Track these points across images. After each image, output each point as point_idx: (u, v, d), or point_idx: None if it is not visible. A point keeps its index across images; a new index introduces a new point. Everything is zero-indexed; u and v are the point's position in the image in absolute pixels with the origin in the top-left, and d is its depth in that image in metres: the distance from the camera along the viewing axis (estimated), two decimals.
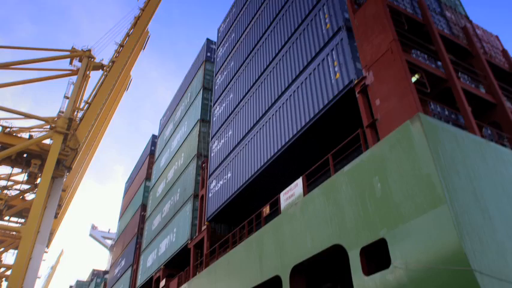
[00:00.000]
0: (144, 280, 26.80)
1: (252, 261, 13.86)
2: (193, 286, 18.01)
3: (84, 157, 76.31)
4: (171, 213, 24.40)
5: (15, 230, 67.04)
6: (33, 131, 65.17)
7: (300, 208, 12.21)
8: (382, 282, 8.61)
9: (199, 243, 19.63)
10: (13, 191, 68.67)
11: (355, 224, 9.86)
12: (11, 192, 67.45)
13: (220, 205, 18.10)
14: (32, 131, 65.07)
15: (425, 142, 8.51)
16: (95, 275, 51.14)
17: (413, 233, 8.23)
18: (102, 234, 70.23)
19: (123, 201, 44.87)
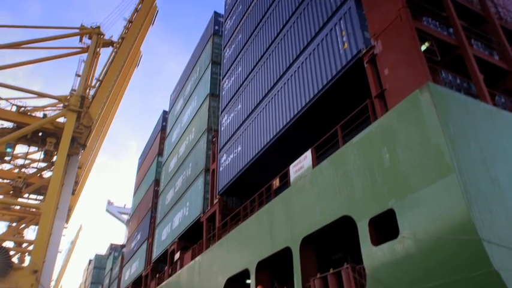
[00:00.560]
0: (159, 253, 27.45)
1: (262, 233, 14.04)
2: (206, 258, 18.39)
3: (98, 134, 77.22)
4: (183, 188, 24.70)
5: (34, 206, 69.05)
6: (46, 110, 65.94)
7: (309, 180, 12.24)
8: (390, 252, 8.66)
9: (211, 216, 19.92)
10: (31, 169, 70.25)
11: (364, 195, 9.86)
12: (28, 171, 68.99)
13: (231, 179, 18.24)
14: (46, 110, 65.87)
15: (434, 112, 8.37)
16: (113, 249, 52.52)
17: (422, 203, 8.20)
18: (118, 209, 71.69)
19: (137, 176, 45.52)
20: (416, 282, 7.92)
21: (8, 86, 57.21)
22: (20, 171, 65.11)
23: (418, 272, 7.97)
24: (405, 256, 8.27)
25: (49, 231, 57.92)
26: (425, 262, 7.87)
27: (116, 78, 58.27)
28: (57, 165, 61.14)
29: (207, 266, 17.99)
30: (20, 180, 60.93)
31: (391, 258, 8.60)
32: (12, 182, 61.73)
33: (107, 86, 60.43)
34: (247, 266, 14.48)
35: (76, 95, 55.93)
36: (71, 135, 60.40)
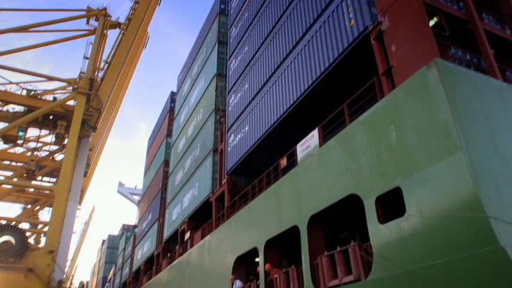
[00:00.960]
0: (170, 233, 27.87)
1: (270, 212, 14.14)
2: (215, 237, 18.62)
3: (108, 116, 77.73)
4: (192, 168, 24.86)
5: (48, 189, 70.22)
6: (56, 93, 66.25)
7: (316, 159, 12.23)
8: (397, 230, 8.67)
9: (220, 196, 20.08)
10: (43, 152, 71.18)
11: (371, 173, 9.83)
12: (41, 154, 69.97)
13: (238, 159, 18.29)
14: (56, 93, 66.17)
15: (441, 88, 8.22)
16: (125, 230, 53.42)
17: (428, 181, 8.15)
18: (129, 190, 72.60)
19: (146, 158, 45.92)
20: (423, 259, 7.94)
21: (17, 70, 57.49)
22: (33, 154, 66.17)
23: (424, 250, 7.98)
24: (411, 234, 8.27)
25: (63, 213, 59.16)
26: (431, 239, 7.87)
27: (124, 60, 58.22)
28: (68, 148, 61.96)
29: (217, 245, 18.24)
30: (32, 163, 61.97)
31: (398, 236, 8.62)
32: (25, 165, 62.83)
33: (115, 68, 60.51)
34: (255, 244, 14.64)
35: (85, 78, 56.18)
36: (81, 117, 60.93)
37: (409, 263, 8.21)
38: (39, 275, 47.08)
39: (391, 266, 8.56)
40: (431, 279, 7.67)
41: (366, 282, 9.29)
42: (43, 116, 57.49)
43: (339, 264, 10.37)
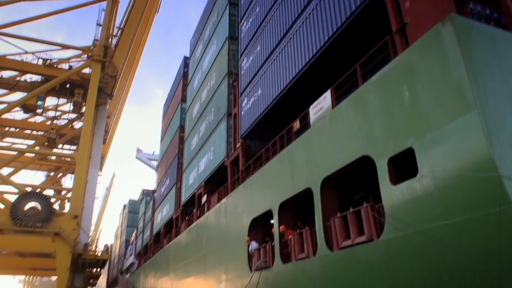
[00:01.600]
0: (187, 197, 28.44)
1: (284, 175, 14.22)
2: (231, 200, 18.92)
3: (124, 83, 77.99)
4: (207, 133, 25.00)
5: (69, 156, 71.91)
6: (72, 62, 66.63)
7: (328, 121, 12.12)
8: (409, 190, 8.63)
9: (235, 160, 20.23)
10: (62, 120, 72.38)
11: (383, 134, 9.71)
12: (60, 122, 71.23)
13: (252, 122, 18.26)
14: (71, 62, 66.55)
15: (456, 45, 7.92)
16: (145, 194, 54.68)
17: (441, 142, 8.02)
18: (147, 156, 73.65)
19: (162, 123, 46.27)
20: (434, 219, 7.94)
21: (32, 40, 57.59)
22: (52, 123, 67.40)
23: (436, 210, 7.96)
24: (424, 194, 8.24)
25: (85, 179, 60.67)
26: (443, 200, 7.83)
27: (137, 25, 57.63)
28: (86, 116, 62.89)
29: (233, 208, 18.56)
30: (52, 131, 63.22)
31: (410, 196, 8.60)
32: (45, 133, 64.18)
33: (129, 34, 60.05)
34: (270, 207, 14.84)
35: (99, 45, 56.07)
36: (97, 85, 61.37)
37: (421, 223, 8.22)
38: (65, 239, 49.05)
39: (403, 227, 8.59)
40: (443, 239, 7.67)
41: (378, 243, 9.37)
42: (60, 84, 58.07)
43: (351, 225, 10.46)
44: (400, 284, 8.70)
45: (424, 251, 8.06)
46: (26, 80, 61.98)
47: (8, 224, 49.76)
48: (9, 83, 64.63)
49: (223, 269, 18.21)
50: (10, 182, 56.94)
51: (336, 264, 10.87)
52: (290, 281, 12.89)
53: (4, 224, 49.66)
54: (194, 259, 22.82)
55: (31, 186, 61.18)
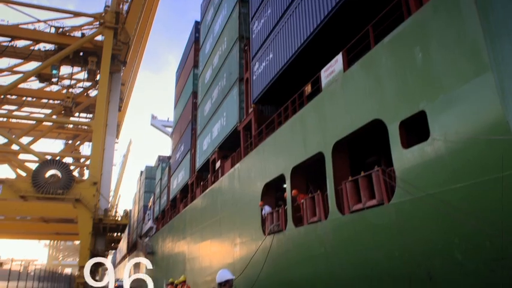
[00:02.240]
0: (202, 162, 28.73)
1: (296, 139, 14.18)
2: (244, 165, 19.05)
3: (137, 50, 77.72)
4: (219, 99, 24.91)
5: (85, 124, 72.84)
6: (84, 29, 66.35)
7: (340, 84, 11.91)
8: (420, 154, 8.53)
9: (247, 125, 20.21)
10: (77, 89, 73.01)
11: (395, 97, 9.52)
12: (75, 91, 71.88)
13: (264, 87, 18.07)
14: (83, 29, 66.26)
15: (472, 4, 7.56)
16: (161, 161, 55.47)
17: (454, 104, 7.83)
18: (162, 122, 74.07)
19: (175, 90, 46.23)
20: (445, 183, 7.87)
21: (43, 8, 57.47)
22: (68, 92, 68.04)
23: (447, 173, 7.87)
24: (435, 158, 8.13)
25: (102, 147, 61.82)
26: (455, 163, 7.72)
27: None
28: (101, 84, 63.23)
29: (246, 173, 18.71)
30: (69, 100, 63.92)
31: (421, 160, 8.50)
32: (62, 102, 64.97)
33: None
34: (282, 171, 14.90)
35: (110, 11, 55.58)
36: (110, 52, 61.21)
37: (432, 187, 8.16)
38: (86, 205, 50.65)
39: (414, 190, 8.54)
40: (454, 202, 7.62)
41: (389, 206, 9.38)
42: (73, 53, 58.21)
43: (362, 189, 10.46)
44: (410, 246, 8.75)
45: (435, 214, 8.04)
46: (40, 49, 62.18)
47: (31, 191, 51.51)
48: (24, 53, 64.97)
49: (237, 232, 18.58)
50: (30, 150, 58.46)
51: (347, 228, 10.97)
52: (302, 244, 13.11)
53: (27, 191, 51.39)
54: (209, 223, 23.31)
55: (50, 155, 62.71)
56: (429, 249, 8.32)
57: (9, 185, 50.22)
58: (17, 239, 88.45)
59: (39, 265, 39.18)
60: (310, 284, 12.59)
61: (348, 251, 10.83)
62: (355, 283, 10.52)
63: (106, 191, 61.99)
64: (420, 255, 8.54)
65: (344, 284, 11.00)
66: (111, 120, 65.48)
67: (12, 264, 25.08)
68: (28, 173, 58.39)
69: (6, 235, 74.20)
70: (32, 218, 65.46)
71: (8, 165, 70.19)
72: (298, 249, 13.38)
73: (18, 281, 26.15)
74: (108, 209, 56.87)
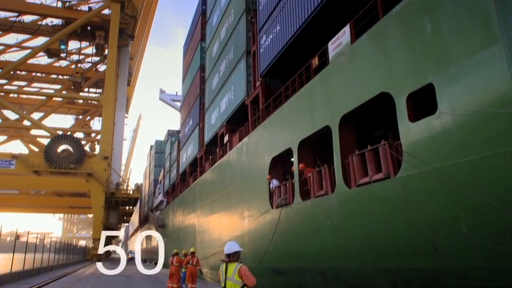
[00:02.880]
0: (210, 137, 28.82)
1: (303, 113, 14.10)
2: (252, 140, 19.07)
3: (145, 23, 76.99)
4: (227, 72, 24.73)
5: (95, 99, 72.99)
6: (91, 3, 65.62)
7: (347, 57, 11.72)
8: (427, 127, 8.43)
9: (255, 99, 20.11)
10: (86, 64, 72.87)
11: (403, 70, 9.36)
12: (84, 65, 71.80)
13: (271, 60, 17.85)
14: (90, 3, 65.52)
15: None
16: (170, 135, 55.72)
17: (463, 76, 7.67)
18: (171, 97, 74.01)
19: (183, 63, 45.93)
20: (452, 156, 7.80)
21: None
22: (77, 67, 68.06)
23: (454, 147, 7.80)
24: (442, 131, 8.04)
25: (112, 121, 62.08)
26: (462, 137, 7.63)
27: None
28: (109, 58, 62.99)
29: (254, 147, 18.75)
30: (78, 75, 64.01)
31: (428, 134, 8.41)
32: (71, 77, 65.11)
33: None
34: (289, 145, 14.90)
35: None
36: (118, 26, 60.70)
37: (439, 161, 8.10)
38: (98, 179, 51.58)
39: (421, 164, 8.49)
40: (461, 176, 7.57)
41: (395, 180, 9.36)
42: (81, 27, 57.98)
43: (369, 162, 10.43)
44: (416, 220, 8.78)
45: (441, 188, 8.01)
46: (47, 24, 61.83)
47: (44, 166, 52.37)
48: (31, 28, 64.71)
49: (246, 206, 18.78)
50: (42, 126, 59.09)
51: (353, 201, 11.01)
52: (309, 217, 13.22)
53: (40, 166, 52.24)
54: (218, 197, 23.57)
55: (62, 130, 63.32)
56: (435, 222, 8.33)
57: (22, 160, 51.22)
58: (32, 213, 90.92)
59: (54, 238, 40.21)
60: (317, 257, 12.77)
61: (355, 224, 10.90)
62: (362, 255, 10.64)
63: (117, 166, 62.91)
64: (426, 229, 8.57)
65: (351, 256, 11.14)
66: (121, 95, 65.77)
67: (28, 236, 25.77)
68: (40, 148, 59.39)
69: (21, 209, 76.19)
70: (46, 192, 66.98)
71: (20, 141, 71.43)
72: (305, 222, 13.51)
73: (35, 252, 26.91)
74: (119, 183, 57.86)
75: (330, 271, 12.19)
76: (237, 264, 5.72)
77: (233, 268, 5.68)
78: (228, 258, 5.82)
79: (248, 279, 5.58)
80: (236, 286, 5.59)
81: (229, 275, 5.68)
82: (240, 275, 5.60)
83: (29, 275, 23.05)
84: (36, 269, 25.79)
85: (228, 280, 5.67)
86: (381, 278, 10.19)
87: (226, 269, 5.76)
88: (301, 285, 13.99)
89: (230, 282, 5.63)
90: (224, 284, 5.71)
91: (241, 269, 5.63)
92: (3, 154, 54.36)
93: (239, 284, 5.59)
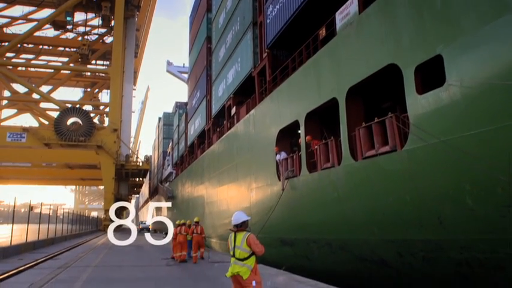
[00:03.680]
0: (217, 109, 28.78)
1: (310, 85, 13.97)
2: (259, 112, 19.02)
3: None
4: (233, 44, 24.42)
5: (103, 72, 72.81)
6: None
7: (355, 28, 11.48)
8: (435, 100, 8.33)
9: (262, 70, 19.92)
10: (92, 36, 72.35)
11: (411, 41, 9.17)
12: (91, 37, 71.32)
13: (278, 31, 17.56)
14: None
15: None
16: (178, 107, 55.70)
17: (472, 47, 7.50)
18: (178, 69, 73.49)
19: (190, 35, 45.40)
20: (459, 129, 7.73)
21: None
22: (84, 39, 67.60)
23: (461, 120, 7.72)
24: (450, 104, 7.94)
25: (120, 94, 62.10)
26: (470, 109, 7.55)
27: None
28: (116, 29, 62.47)
29: (261, 119, 18.71)
30: (85, 47, 63.73)
31: (435, 106, 8.31)
32: (78, 50, 64.82)
33: None
34: (296, 117, 14.84)
35: None
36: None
37: (446, 133, 8.04)
38: (108, 151, 52.15)
39: (428, 137, 8.43)
40: (468, 149, 7.52)
41: (402, 153, 9.33)
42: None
43: (375, 135, 10.38)
44: (422, 192, 8.80)
45: (447, 161, 7.99)
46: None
47: (54, 139, 52.95)
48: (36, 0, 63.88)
49: (253, 177, 18.92)
50: (51, 99, 59.36)
51: (359, 173, 11.04)
52: (316, 189, 13.30)
53: (50, 138, 52.84)
54: (226, 168, 23.75)
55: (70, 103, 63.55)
56: (440, 195, 8.35)
57: (33, 133, 51.84)
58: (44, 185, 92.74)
59: (66, 209, 41.09)
60: (323, 228, 12.93)
61: (361, 196, 10.96)
62: (368, 227, 10.75)
63: (126, 138, 63.38)
64: (431, 201, 8.60)
65: (356, 227, 11.25)
66: (128, 67, 65.52)
67: (42, 208, 26.38)
68: (50, 122, 59.88)
69: (34, 181, 77.64)
70: (57, 165, 68.04)
71: (30, 114, 72.03)
72: (312, 194, 13.61)
73: (48, 223, 27.61)
74: (129, 155, 58.45)
75: (336, 242, 12.36)
76: (245, 233, 5.82)
77: (241, 237, 5.79)
78: (236, 228, 5.92)
79: (257, 247, 5.69)
80: (245, 254, 5.71)
81: (237, 243, 5.80)
82: (248, 244, 5.71)
83: (43, 245, 23.74)
84: (51, 239, 26.54)
85: (236, 249, 5.79)
86: (386, 249, 10.33)
87: (235, 238, 5.88)
88: (308, 256, 14.24)
89: (239, 251, 5.75)
90: (233, 253, 5.84)
91: (250, 237, 5.74)
92: (14, 127, 55.01)
93: (247, 252, 5.71)
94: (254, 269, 5.73)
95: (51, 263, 15.43)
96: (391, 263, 10.34)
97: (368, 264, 11.20)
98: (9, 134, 50.54)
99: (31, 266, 14.54)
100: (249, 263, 5.69)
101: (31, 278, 11.14)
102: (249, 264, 5.69)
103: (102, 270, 13.28)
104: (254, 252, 5.72)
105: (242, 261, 5.70)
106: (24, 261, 15.77)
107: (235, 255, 5.79)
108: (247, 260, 5.70)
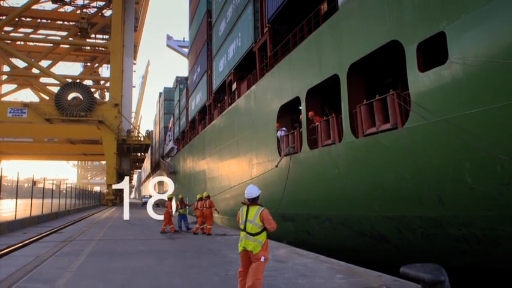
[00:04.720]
0: (218, 84, 28.59)
1: (311, 61, 13.85)
2: (260, 87, 18.92)
3: None
4: (234, 18, 24.05)
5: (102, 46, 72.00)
6: None
7: (357, 2, 11.28)
8: (437, 77, 8.27)
9: (263, 46, 19.69)
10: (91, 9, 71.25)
11: (414, 17, 9.02)
12: (89, 11, 70.22)
13: (279, 5, 17.24)
14: None
15: None
16: (178, 82, 55.33)
17: (476, 25, 7.39)
18: (178, 43, 72.59)
19: (189, 8, 44.66)
20: (461, 108, 7.71)
21: None
22: (82, 12, 66.56)
23: (463, 98, 7.70)
24: (451, 82, 7.89)
25: (120, 68, 61.63)
26: (472, 88, 7.51)
27: None
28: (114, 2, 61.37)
29: (262, 95, 18.64)
30: (83, 21, 62.85)
31: (437, 84, 8.27)
32: (77, 23, 63.94)
33: None
34: (298, 93, 14.78)
35: None
36: None
37: (447, 112, 8.02)
38: (109, 126, 52.17)
39: (429, 115, 8.42)
40: (469, 128, 7.52)
41: (403, 130, 9.34)
42: None
43: (377, 112, 10.36)
44: (422, 170, 8.86)
45: (448, 139, 8.00)
46: None
47: (55, 114, 52.89)
48: None
49: (254, 153, 19.00)
50: (51, 73, 58.89)
51: (360, 150, 11.08)
52: (316, 165, 13.38)
53: (51, 114, 52.77)
54: (228, 144, 23.82)
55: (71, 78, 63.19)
56: (440, 172, 8.41)
57: (34, 109, 51.75)
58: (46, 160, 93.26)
59: (69, 184, 41.46)
60: (324, 204, 13.08)
61: (361, 173, 11.04)
62: (368, 203, 10.87)
63: (127, 113, 63.24)
64: (431, 178, 8.67)
65: (357, 204, 11.39)
66: (128, 41, 64.72)
67: (45, 183, 26.62)
68: (51, 97, 59.67)
69: (36, 156, 78.08)
70: (59, 140, 68.21)
71: (30, 90, 71.73)
72: (312, 170, 13.70)
73: (52, 198, 27.95)
74: (130, 130, 58.51)
75: (336, 218, 12.52)
76: (259, 207, 5.73)
77: (255, 211, 5.70)
78: (249, 202, 5.81)
79: (270, 223, 5.63)
80: (256, 229, 5.62)
81: (250, 217, 5.70)
82: (261, 219, 5.63)
83: (47, 219, 24.10)
84: (54, 213, 26.92)
85: (248, 222, 5.68)
86: (385, 225, 10.48)
87: (247, 211, 5.78)
88: (309, 231, 14.46)
89: (250, 225, 5.66)
90: (244, 226, 5.74)
91: (263, 212, 5.66)
92: (14, 103, 54.86)
93: (259, 227, 5.63)
94: (265, 245, 5.65)
95: (55, 237, 15.73)
96: (390, 238, 10.51)
97: (367, 240, 11.39)
98: (10, 110, 50.50)
99: (36, 239, 14.84)
100: (260, 239, 5.61)
101: (36, 251, 11.38)
102: (260, 240, 5.60)
103: (105, 243, 13.53)
104: (265, 228, 5.65)
105: (253, 236, 5.61)
106: (28, 235, 16.07)
107: (247, 229, 5.68)
108: (259, 236, 5.61)
